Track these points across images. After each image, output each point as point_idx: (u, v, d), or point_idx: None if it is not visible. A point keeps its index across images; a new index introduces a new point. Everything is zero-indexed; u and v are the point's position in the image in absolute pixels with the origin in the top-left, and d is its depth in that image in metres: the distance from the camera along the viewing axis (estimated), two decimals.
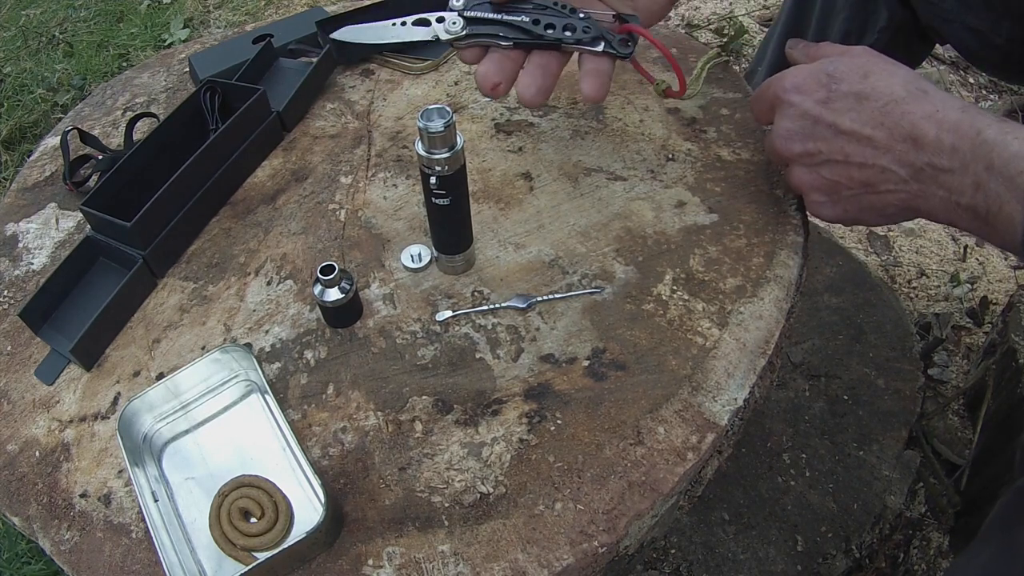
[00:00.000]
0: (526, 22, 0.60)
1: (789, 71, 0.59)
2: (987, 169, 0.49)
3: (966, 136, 0.50)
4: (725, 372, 0.58)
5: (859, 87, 0.54)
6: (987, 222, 0.50)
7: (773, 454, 1.02)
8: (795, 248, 0.65)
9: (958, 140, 0.50)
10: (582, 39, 0.61)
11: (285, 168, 0.80)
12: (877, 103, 0.53)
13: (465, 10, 0.61)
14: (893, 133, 0.53)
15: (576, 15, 0.61)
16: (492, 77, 0.61)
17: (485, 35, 0.61)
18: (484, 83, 0.61)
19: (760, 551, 0.93)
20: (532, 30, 0.60)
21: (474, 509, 0.52)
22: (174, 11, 2.39)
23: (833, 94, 0.55)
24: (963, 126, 0.50)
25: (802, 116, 0.57)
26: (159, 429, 0.60)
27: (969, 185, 0.50)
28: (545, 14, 0.61)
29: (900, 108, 0.52)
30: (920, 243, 1.47)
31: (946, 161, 0.51)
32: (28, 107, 2.02)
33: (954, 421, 1.17)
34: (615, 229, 0.69)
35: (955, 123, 0.50)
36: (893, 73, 0.54)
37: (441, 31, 0.61)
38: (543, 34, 0.60)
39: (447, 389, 0.59)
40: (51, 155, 0.88)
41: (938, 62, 1.82)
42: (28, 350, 0.68)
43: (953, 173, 0.51)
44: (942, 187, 0.52)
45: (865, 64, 0.55)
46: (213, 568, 0.52)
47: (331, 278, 0.60)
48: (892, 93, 0.53)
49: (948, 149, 0.50)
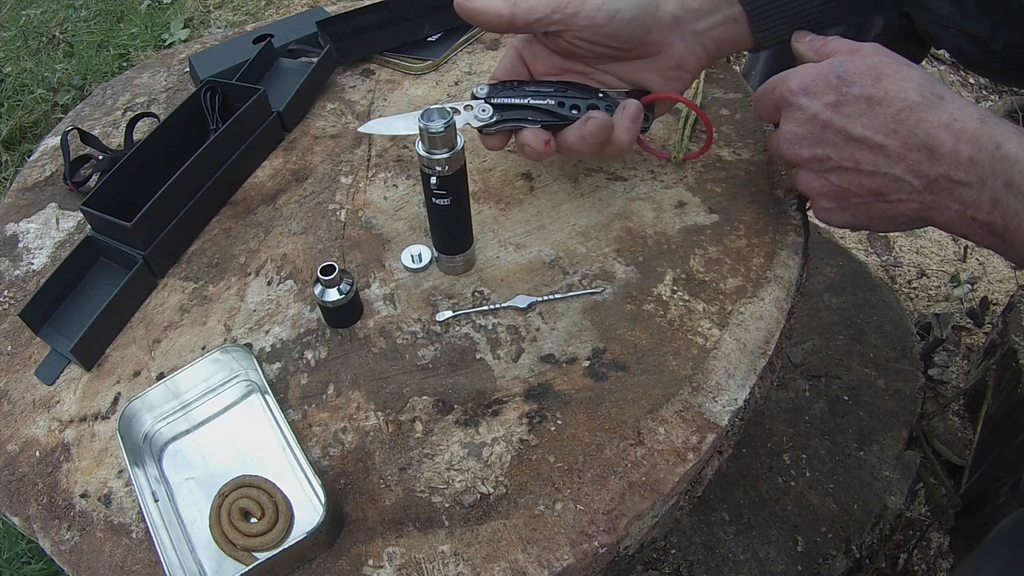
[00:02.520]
0: (551, 105, 0.62)
1: (796, 70, 0.56)
2: (1006, 185, 0.46)
3: (985, 149, 0.47)
4: (725, 372, 0.58)
5: (871, 91, 0.52)
6: (1004, 239, 0.49)
7: (773, 454, 1.02)
8: (795, 248, 0.65)
9: (976, 153, 0.48)
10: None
11: (285, 168, 0.80)
12: (891, 109, 0.51)
13: (490, 98, 0.62)
14: (907, 141, 0.50)
15: (596, 95, 0.62)
16: (537, 145, 0.61)
17: (514, 119, 0.62)
18: (533, 154, 0.62)
19: (760, 551, 0.93)
20: (558, 111, 0.62)
21: (474, 509, 0.52)
22: (174, 11, 2.39)
23: (844, 98, 0.52)
24: (982, 138, 0.48)
25: (811, 120, 0.54)
26: (159, 429, 0.60)
27: (987, 200, 0.48)
28: (567, 96, 0.62)
29: (915, 115, 0.50)
30: (920, 243, 1.47)
31: (963, 174, 0.49)
32: (28, 107, 2.02)
33: (954, 421, 1.17)
34: (615, 229, 0.69)
35: (974, 134, 0.48)
36: (907, 76, 0.51)
37: (472, 119, 0.62)
38: (568, 115, 0.62)
39: (447, 389, 0.59)
40: (51, 155, 0.88)
41: (938, 62, 1.82)
42: (28, 350, 0.68)
43: (970, 187, 0.49)
44: (957, 200, 0.50)
45: (877, 65, 0.52)
46: (213, 568, 0.52)
47: (331, 278, 0.60)
48: (907, 98, 0.50)
49: (965, 161, 0.48)
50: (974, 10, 0.81)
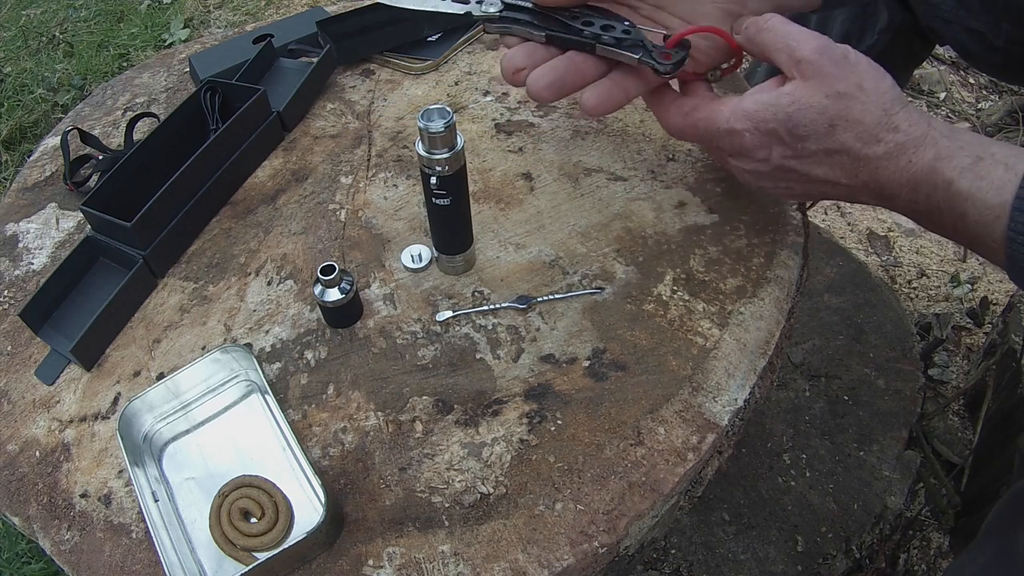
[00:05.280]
0: (564, 15, 0.57)
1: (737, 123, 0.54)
2: (962, 217, 0.49)
3: (939, 187, 0.49)
4: (725, 372, 0.58)
5: (827, 144, 0.52)
6: (971, 248, 0.51)
7: (773, 454, 1.02)
8: (795, 248, 0.65)
9: (932, 190, 0.49)
10: (621, 42, 0.55)
11: (285, 168, 0.80)
12: (847, 158, 0.52)
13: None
14: (866, 184, 0.52)
15: (620, 20, 0.57)
16: (517, 62, 0.58)
17: (519, 21, 0.58)
18: (508, 66, 0.58)
19: (760, 551, 0.93)
20: (569, 23, 0.57)
21: (474, 509, 0.52)
22: (174, 11, 2.39)
23: (801, 152, 0.53)
24: (936, 177, 0.49)
25: (772, 168, 0.55)
26: (159, 429, 0.60)
27: (948, 226, 0.51)
28: (585, 14, 0.57)
29: (872, 164, 0.51)
30: (920, 243, 1.47)
31: (921, 207, 0.51)
32: (28, 107, 2.02)
33: (954, 421, 1.17)
34: (615, 229, 0.69)
35: (927, 174, 0.49)
36: (860, 117, 0.51)
37: (476, 8, 0.59)
38: (579, 30, 0.56)
39: (447, 389, 0.59)
40: (51, 155, 0.88)
41: (938, 62, 1.82)
42: (28, 350, 0.68)
43: (929, 215, 0.51)
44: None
45: (826, 110, 0.51)
46: (213, 568, 0.52)
47: (331, 278, 0.60)
48: (860, 150, 0.51)
49: (922, 199, 0.50)
50: (976, 6, 0.81)
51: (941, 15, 0.85)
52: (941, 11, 0.85)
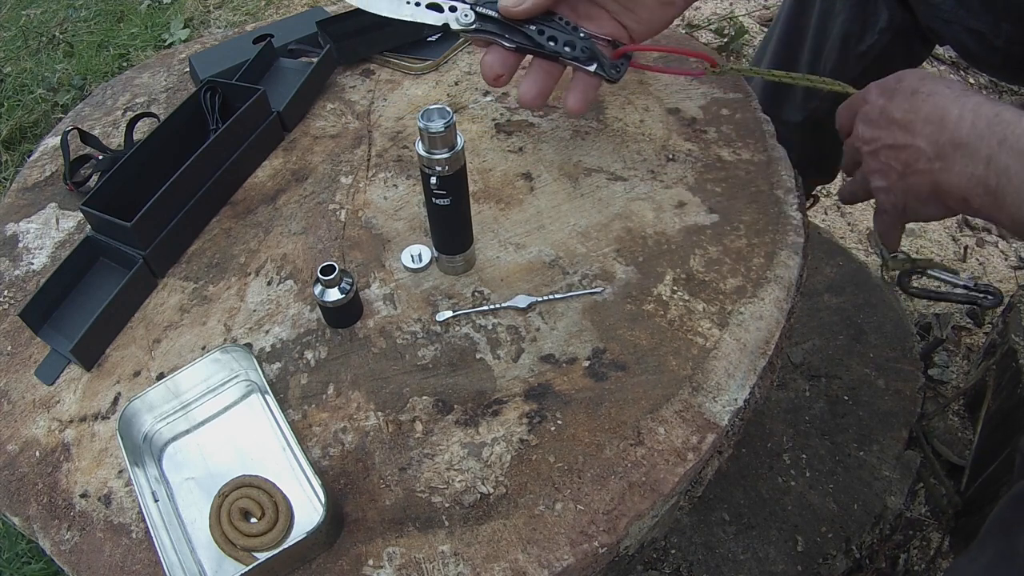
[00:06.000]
0: (531, 30, 0.64)
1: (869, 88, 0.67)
2: (1000, 143, 0.53)
3: (984, 116, 0.55)
4: (725, 372, 0.58)
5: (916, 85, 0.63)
6: (996, 196, 0.54)
7: (773, 454, 1.02)
8: (795, 248, 0.65)
9: (976, 118, 0.56)
10: (579, 57, 0.64)
11: (285, 168, 0.80)
12: (919, 96, 0.61)
13: (477, 5, 0.64)
14: (927, 116, 0.60)
15: (577, 34, 0.64)
16: (496, 68, 0.65)
17: (492, 33, 0.64)
18: (488, 72, 0.65)
19: (760, 551, 0.93)
20: (536, 39, 0.64)
21: (474, 509, 0.52)
22: (174, 11, 2.39)
23: (895, 92, 0.64)
24: (983, 107, 0.56)
25: (876, 110, 0.65)
26: (159, 429, 0.60)
27: (983, 159, 0.54)
28: (550, 27, 0.64)
29: (934, 98, 0.60)
30: (920, 243, 1.47)
31: (964, 135, 0.56)
32: (28, 107, 2.02)
33: (954, 421, 1.17)
34: (615, 229, 0.69)
35: (977, 106, 0.57)
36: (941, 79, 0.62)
37: (452, 20, 0.64)
38: (544, 44, 0.64)
39: (447, 389, 0.59)
40: (51, 155, 0.88)
41: (938, 62, 1.82)
42: (28, 350, 0.68)
43: (968, 146, 0.56)
44: (959, 160, 0.57)
45: (925, 75, 0.63)
46: (213, 568, 0.52)
47: (331, 278, 0.60)
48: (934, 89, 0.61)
49: (967, 125, 0.56)
50: (976, 6, 0.81)
51: (941, 15, 0.85)
52: (941, 11, 0.85)
